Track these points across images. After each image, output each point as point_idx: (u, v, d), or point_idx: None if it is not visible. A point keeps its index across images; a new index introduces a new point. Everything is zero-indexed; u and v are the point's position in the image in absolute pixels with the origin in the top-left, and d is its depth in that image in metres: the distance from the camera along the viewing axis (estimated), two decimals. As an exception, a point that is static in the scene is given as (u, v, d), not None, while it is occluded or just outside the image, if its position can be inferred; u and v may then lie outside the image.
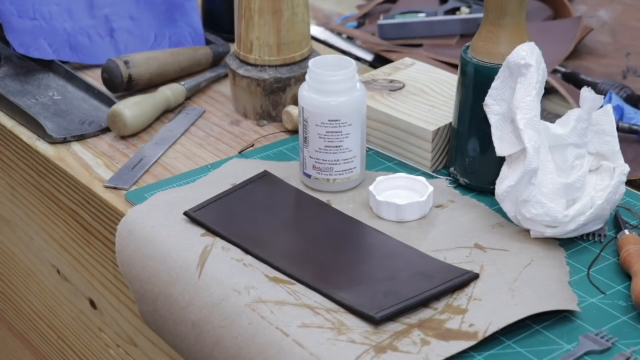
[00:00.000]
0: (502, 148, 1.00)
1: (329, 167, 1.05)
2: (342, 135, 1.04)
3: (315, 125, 1.04)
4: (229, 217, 1.02)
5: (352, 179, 1.07)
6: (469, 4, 1.48)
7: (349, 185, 1.07)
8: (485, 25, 1.04)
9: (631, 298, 0.91)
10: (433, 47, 1.43)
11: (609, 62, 1.41)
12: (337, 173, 1.06)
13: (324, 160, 1.05)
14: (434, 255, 0.97)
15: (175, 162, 1.17)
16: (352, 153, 1.05)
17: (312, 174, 1.06)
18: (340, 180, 1.06)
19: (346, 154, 1.05)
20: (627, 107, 1.22)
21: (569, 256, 0.98)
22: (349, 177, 1.06)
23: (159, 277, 0.98)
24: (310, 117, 1.04)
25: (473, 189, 1.09)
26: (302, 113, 1.05)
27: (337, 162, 1.05)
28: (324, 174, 1.06)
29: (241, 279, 0.94)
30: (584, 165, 1.00)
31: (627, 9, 1.56)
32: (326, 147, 1.04)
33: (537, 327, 0.90)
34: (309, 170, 1.06)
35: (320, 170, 1.06)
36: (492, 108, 1.01)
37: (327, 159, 1.05)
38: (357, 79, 1.05)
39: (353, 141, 1.05)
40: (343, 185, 1.07)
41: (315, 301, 0.91)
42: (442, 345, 0.85)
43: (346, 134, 1.04)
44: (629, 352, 0.87)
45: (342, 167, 1.06)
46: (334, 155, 1.05)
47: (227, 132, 1.23)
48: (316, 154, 1.05)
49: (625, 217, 1.03)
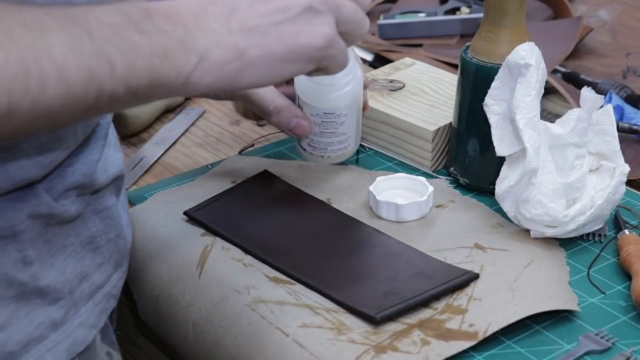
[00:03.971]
0: (502, 148, 1.00)
1: (323, 147, 1.05)
2: (338, 123, 1.03)
3: (310, 114, 1.03)
4: (229, 216, 1.02)
5: (347, 154, 1.07)
6: (469, 4, 1.48)
7: (343, 159, 1.08)
8: (485, 25, 1.04)
9: (631, 298, 0.91)
10: (433, 47, 1.43)
11: (609, 62, 1.41)
12: (331, 151, 1.06)
13: (318, 141, 1.05)
14: (434, 255, 0.97)
15: (175, 162, 1.17)
16: (347, 135, 1.05)
17: (307, 149, 1.06)
18: (334, 157, 1.06)
19: (341, 137, 1.05)
20: (627, 107, 1.22)
21: (569, 256, 0.98)
22: (343, 153, 1.06)
23: (160, 278, 0.98)
24: (305, 107, 1.03)
25: (473, 189, 1.09)
26: (298, 100, 1.04)
27: (332, 143, 1.05)
28: (318, 152, 1.06)
29: (241, 279, 0.94)
30: (584, 165, 1.00)
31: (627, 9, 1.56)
32: (321, 132, 1.04)
33: (537, 327, 0.90)
34: (304, 145, 1.06)
35: (314, 149, 1.05)
36: (492, 108, 1.01)
37: (322, 141, 1.05)
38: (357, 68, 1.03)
39: (348, 126, 1.04)
40: (337, 159, 1.07)
41: (315, 301, 0.91)
42: (442, 346, 0.85)
43: (341, 122, 1.03)
44: (629, 352, 0.87)
45: (336, 147, 1.05)
46: (329, 138, 1.04)
47: (227, 132, 1.23)
48: (311, 136, 1.05)
49: (625, 217, 1.03)
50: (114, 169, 0.89)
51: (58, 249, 0.83)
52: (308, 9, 0.80)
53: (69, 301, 0.84)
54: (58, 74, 0.67)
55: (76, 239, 0.85)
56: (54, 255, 0.83)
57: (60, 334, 0.84)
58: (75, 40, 0.68)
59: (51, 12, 0.69)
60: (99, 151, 0.85)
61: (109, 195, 0.89)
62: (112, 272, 0.91)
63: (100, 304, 0.89)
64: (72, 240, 0.85)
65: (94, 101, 0.70)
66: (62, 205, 0.82)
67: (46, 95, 0.67)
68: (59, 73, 0.67)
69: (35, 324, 0.81)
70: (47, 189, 0.80)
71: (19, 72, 0.65)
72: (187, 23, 0.75)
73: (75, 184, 0.82)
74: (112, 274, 0.91)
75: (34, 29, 0.67)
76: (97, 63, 0.69)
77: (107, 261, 0.89)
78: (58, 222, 0.82)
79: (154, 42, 0.72)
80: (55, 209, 0.81)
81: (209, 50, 0.75)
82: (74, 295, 0.85)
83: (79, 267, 0.86)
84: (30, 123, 0.68)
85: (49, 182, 0.80)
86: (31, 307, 0.81)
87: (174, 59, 0.73)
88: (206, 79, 0.76)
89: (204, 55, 0.75)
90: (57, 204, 0.81)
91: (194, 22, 0.75)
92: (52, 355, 0.83)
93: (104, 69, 0.70)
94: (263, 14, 0.78)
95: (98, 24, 0.70)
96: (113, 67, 0.70)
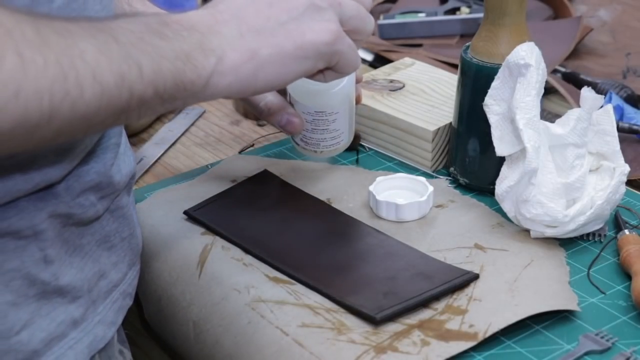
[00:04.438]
0: (502, 148, 1.00)
1: (316, 142, 1.05)
2: (330, 121, 1.03)
3: (302, 112, 1.03)
4: (229, 216, 1.02)
5: (340, 149, 1.07)
6: (469, 4, 1.48)
7: (337, 153, 1.08)
8: (485, 25, 1.04)
9: (631, 298, 0.91)
10: (433, 47, 1.43)
11: (609, 62, 1.41)
12: (324, 147, 1.06)
13: (311, 137, 1.05)
14: (434, 255, 0.97)
15: (175, 162, 1.17)
16: (339, 131, 1.05)
17: (300, 144, 1.06)
18: (327, 152, 1.06)
19: (333, 133, 1.05)
20: (627, 107, 1.22)
21: (569, 256, 0.98)
22: (336, 148, 1.07)
23: (161, 278, 0.98)
24: (297, 105, 1.03)
25: (473, 189, 1.09)
26: (289, 97, 1.04)
27: (324, 139, 1.05)
28: (311, 147, 1.06)
29: (241, 278, 0.94)
30: (584, 165, 1.00)
31: (627, 9, 1.56)
32: (313, 129, 1.04)
33: (537, 327, 0.90)
34: (298, 141, 1.06)
35: (307, 144, 1.06)
36: (492, 108, 1.01)
37: (314, 137, 1.05)
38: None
39: (340, 122, 1.04)
40: (330, 154, 1.08)
41: (315, 301, 0.91)
42: (442, 346, 0.85)
43: (333, 120, 1.03)
44: (629, 352, 0.87)
45: (329, 142, 1.05)
46: (321, 135, 1.04)
47: (227, 132, 1.23)
48: (304, 133, 1.05)
49: (625, 217, 1.03)
50: (127, 168, 0.91)
51: (76, 248, 0.85)
52: (310, 7, 0.84)
53: (87, 299, 0.86)
54: (93, 76, 0.70)
55: (92, 238, 0.87)
56: (72, 254, 0.84)
57: (80, 331, 0.85)
58: (104, 45, 0.71)
59: (77, 22, 0.73)
60: (113, 150, 0.87)
61: (122, 194, 0.91)
62: (127, 270, 0.93)
63: (117, 301, 0.91)
64: (88, 239, 0.86)
65: (125, 104, 0.73)
66: (81, 206, 0.84)
67: (84, 98, 0.70)
68: (94, 76, 0.70)
69: (57, 322, 0.83)
70: (65, 188, 0.82)
71: (58, 75, 0.68)
72: (200, 29, 0.79)
73: (91, 183, 0.84)
74: (127, 273, 0.93)
75: (66, 36, 0.70)
76: (126, 66, 0.72)
77: (121, 260, 0.91)
78: (76, 223, 0.84)
79: (175, 46, 0.76)
80: (74, 209, 0.83)
81: (224, 52, 0.79)
82: (92, 293, 0.87)
83: (97, 266, 0.88)
84: (69, 126, 0.71)
85: (66, 182, 0.82)
86: (52, 305, 0.83)
87: (195, 61, 0.77)
88: (224, 81, 0.80)
89: (220, 57, 0.79)
90: (75, 203, 0.83)
91: (207, 29, 0.79)
92: (74, 352, 0.85)
93: (133, 71, 0.73)
94: (269, 16, 0.83)
95: (122, 31, 0.74)
96: (141, 70, 0.73)
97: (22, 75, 0.66)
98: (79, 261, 0.85)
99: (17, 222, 0.79)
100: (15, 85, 0.66)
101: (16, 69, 0.66)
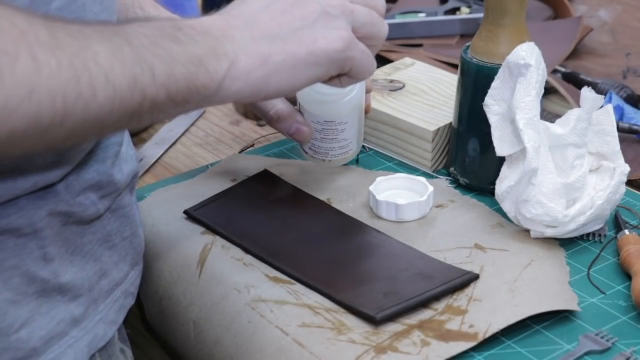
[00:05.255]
0: (502, 148, 1.00)
1: (324, 152, 1.05)
2: (339, 130, 1.04)
3: (311, 121, 1.03)
4: (229, 215, 1.02)
5: (348, 158, 1.08)
6: (469, 4, 1.48)
7: (345, 162, 1.08)
8: (485, 25, 1.04)
9: (631, 298, 0.91)
10: (433, 47, 1.43)
11: (609, 62, 1.41)
12: (332, 156, 1.06)
13: (319, 146, 1.05)
14: (434, 255, 0.97)
15: (175, 162, 1.17)
16: (348, 140, 1.05)
17: (309, 152, 1.06)
18: (336, 160, 1.07)
19: (342, 142, 1.05)
20: (627, 107, 1.22)
21: (569, 256, 0.98)
22: (344, 157, 1.07)
23: (162, 278, 0.98)
24: (306, 114, 1.03)
25: (473, 189, 1.09)
26: (299, 106, 1.04)
27: (333, 148, 1.05)
28: (320, 156, 1.06)
29: (241, 278, 0.94)
30: (584, 165, 1.00)
31: (627, 9, 1.56)
32: (322, 138, 1.04)
33: (537, 327, 0.90)
34: (306, 149, 1.06)
35: (316, 153, 1.06)
36: (492, 108, 1.01)
37: (323, 146, 1.05)
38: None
39: (349, 132, 1.05)
40: (339, 163, 1.08)
41: (315, 301, 0.91)
42: (442, 346, 0.85)
43: (342, 129, 1.04)
44: (629, 352, 0.87)
45: (337, 151, 1.06)
46: (330, 144, 1.05)
47: (227, 132, 1.23)
48: (312, 141, 1.05)
49: (625, 217, 1.03)
50: (129, 167, 0.91)
51: (76, 246, 0.85)
52: (323, 14, 0.85)
53: (88, 298, 0.86)
54: (105, 78, 0.71)
55: (93, 237, 0.87)
56: (72, 252, 0.85)
57: (80, 330, 0.86)
58: (117, 48, 0.72)
59: (91, 25, 0.74)
60: (114, 149, 0.87)
61: (124, 193, 0.91)
62: (129, 269, 0.93)
63: (118, 300, 0.91)
64: (89, 238, 0.87)
65: (138, 106, 0.74)
66: (81, 204, 0.84)
67: (96, 99, 0.70)
68: (107, 78, 0.71)
69: (57, 320, 0.83)
70: (65, 187, 0.83)
71: (71, 76, 0.69)
72: (213, 34, 0.80)
73: (91, 181, 0.85)
74: (129, 272, 0.93)
75: (79, 39, 0.70)
76: (139, 69, 0.73)
77: (123, 259, 0.92)
78: (76, 221, 0.85)
79: (188, 50, 0.77)
80: (74, 207, 0.83)
81: (237, 57, 0.80)
82: (93, 292, 0.87)
83: (98, 265, 0.88)
84: (81, 127, 0.71)
85: (66, 180, 0.83)
86: (52, 303, 0.83)
87: (207, 65, 0.78)
88: (236, 85, 0.80)
89: (233, 61, 0.80)
90: (75, 202, 0.83)
91: (220, 33, 0.80)
92: (74, 350, 0.85)
93: (146, 74, 0.73)
94: (282, 23, 0.83)
95: (136, 35, 0.74)
96: (153, 73, 0.74)
97: (36, 76, 0.67)
98: (79, 260, 0.85)
99: (16, 220, 0.79)
100: (29, 86, 0.66)
101: (30, 70, 0.66)
